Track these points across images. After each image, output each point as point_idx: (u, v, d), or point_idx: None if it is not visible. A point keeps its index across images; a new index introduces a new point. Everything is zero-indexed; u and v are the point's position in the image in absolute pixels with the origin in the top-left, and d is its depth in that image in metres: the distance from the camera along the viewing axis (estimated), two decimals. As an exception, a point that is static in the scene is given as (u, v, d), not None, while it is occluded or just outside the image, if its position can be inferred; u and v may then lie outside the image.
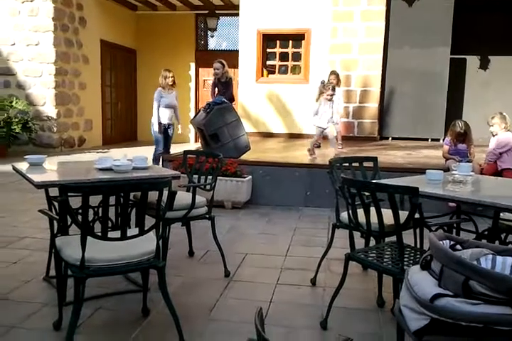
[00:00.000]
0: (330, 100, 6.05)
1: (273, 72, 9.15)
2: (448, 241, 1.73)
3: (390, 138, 8.85)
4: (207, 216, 3.32)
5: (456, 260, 1.49)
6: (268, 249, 3.96)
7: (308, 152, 6.16)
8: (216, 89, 6.64)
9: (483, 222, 3.59)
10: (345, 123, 8.47)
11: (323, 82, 6.30)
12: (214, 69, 6.52)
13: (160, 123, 6.59)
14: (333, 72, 6.99)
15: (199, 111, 6.10)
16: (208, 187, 3.43)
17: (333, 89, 6.04)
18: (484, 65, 9.24)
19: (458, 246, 1.73)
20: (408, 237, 2.67)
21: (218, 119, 5.73)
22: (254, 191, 5.54)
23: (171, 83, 6.52)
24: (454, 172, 3.12)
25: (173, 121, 6.72)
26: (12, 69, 9.23)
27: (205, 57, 11.55)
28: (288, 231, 4.47)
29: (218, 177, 4.81)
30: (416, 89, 8.60)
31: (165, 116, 6.60)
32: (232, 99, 6.39)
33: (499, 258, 1.66)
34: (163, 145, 6.69)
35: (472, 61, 9.23)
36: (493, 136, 5.12)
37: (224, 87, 6.44)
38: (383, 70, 8.55)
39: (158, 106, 6.54)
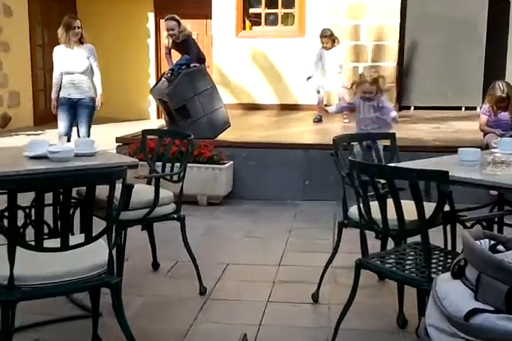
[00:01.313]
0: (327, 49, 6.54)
1: (258, 24, 9.11)
2: (487, 240, 1.75)
3: (413, 108, 8.90)
4: (175, 216, 3.32)
5: (497, 265, 1.51)
6: (256, 256, 3.97)
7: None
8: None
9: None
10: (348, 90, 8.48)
11: (324, 35, 6.44)
12: (168, 30, 6.38)
13: (58, 97, 5.89)
14: (324, 35, 7.06)
15: (161, 77, 6.06)
16: (175, 177, 3.42)
17: (333, 41, 6.39)
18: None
19: (500, 247, 1.75)
20: (437, 236, 2.70)
21: (187, 87, 5.70)
22: (236, 181, 5.55)
23: (75, 38, 5.78)
24: (494, 150, 3.15)
25: (89, 92, 5.94)
26: None
27: (167, 4, 11.40)
28: (281, 233, 4.49)
29: (189, 165, 4.71)
30: (445, 43, 8.61)
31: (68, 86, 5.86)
32: (202, 59, 6.32)
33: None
34: (68, 128, 5.96)
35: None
36: None
37: (182, 48, 6.31)
38: (402, 18, 8.55)
39: (61, 74, 5.89)
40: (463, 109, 8.73)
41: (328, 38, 7.10)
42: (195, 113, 5.73)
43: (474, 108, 8.41)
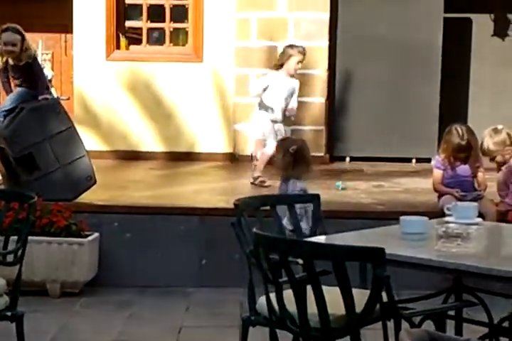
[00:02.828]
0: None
1: (138, 42, 9.14)
2: (433, 344, 1.79)
3: (348, 159, 9.06)
4: (8, 313, 3.23)
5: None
6: (130, 370, 3.89)
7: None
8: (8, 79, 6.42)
9: (506, 303, 3.76)
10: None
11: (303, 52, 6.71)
12: (5, 45, 6.25)
13: None
14: (303, 51, 6.93)
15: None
16: (9, 257, 3.35)
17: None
18: (502, 30, 9.82)
19: (450, 353, 1.79)
20: (374, 335, 2.73)
21: (33, 129, 5.63)
22: (104, 262, 5.46)
23: None
24: (447, 218, 3.27)
25: None
26: None
27: (5, 9, 11.25)
28: (167, 336, 4.43)
29: (33, 238, 4.62)
30: (389, 74, 8.91)
31: None
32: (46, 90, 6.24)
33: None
34: None
35: (481, 23, 9.78)
36: (500, 165, 5.45)
37: (23, 74, 6.23)
38: (332, 40, 8.84)
39: None
40: (413, 161, 8.97)
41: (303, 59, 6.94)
42: (46, 164, 5.63)
43: (428, 160, 8.64)
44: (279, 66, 6.89)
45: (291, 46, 6.91)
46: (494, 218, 5.04)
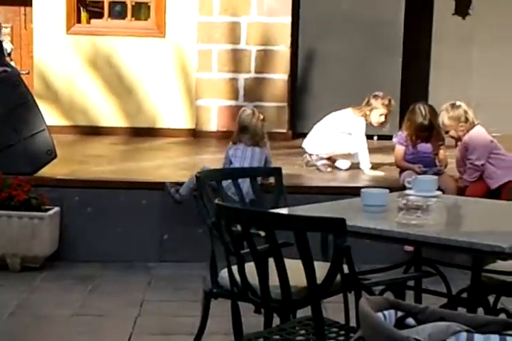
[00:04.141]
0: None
1: (99, 16, 9.05)
2: (393, 311, 1.80)
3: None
4: (-34, 286, 3.19)
5: (404, 345, 1.55)
6: (90, 344, 3.87)
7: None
8: None
9: (463, 276, 3.82)
10: (228, 108, 8.60)
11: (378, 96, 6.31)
12: None
13: None
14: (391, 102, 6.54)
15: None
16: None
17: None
18: (462, 9, 9.91)
19: (410, 320, 1.81)
20: (337, 307, 2.76)
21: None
22: (65, 236, 5.45)
23: None
24: (408, 191, 3.30)
25: None
26: None
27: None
28: (128, 309, 4.43)
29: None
30: (351, 50, 8.95)
31: None
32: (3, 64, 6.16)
33: (478, 337, 1.75)
34: None
35: (443, 1, 9.87)
36: (456, 140, 5.51)
37: None
38: (295, 16, 8.85)
39: None
40: (375, 138, 8.99)
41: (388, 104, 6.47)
42: (5, 138, 5.57)
43: (389, 137, 8.72)
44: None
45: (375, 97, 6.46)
46: (454, 193, 5.11)
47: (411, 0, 9.03)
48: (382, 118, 6.31)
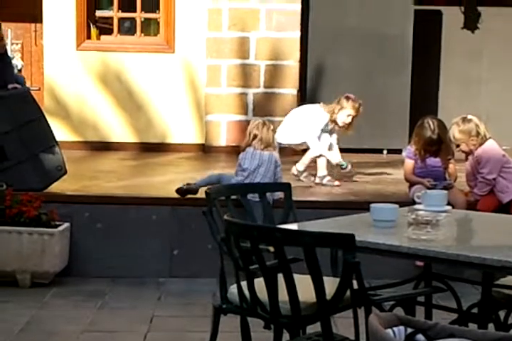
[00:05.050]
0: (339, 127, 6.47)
1: (109, 32, 9.07)
2: (402, 327, 1.80)
3: (320, 151, 9.14)
4: (-23, 303, 3.19)
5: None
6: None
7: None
8: None
9: (474, 291, 3.81)
10: (238, 123, 8.60)
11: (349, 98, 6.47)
12: None
13: None
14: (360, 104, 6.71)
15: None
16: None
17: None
18: (471, 23, 9.91)
19: (419, 337, 1.80)
20: (345, 323, 2.75)
21: (2, 118, 5.58)
22: (75, 252, 5.44)
23: None
24: (417, 206, 3.29)
25: None
26: None
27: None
28: (138, 326, 4.42)
29: (1, 228, 4.68)
30: (360, 64, 8.94)
31: None
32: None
33: (488, 353, 1.75)
34: None
35: (452, 15, 9.87)
36: (467, 154, 5.51)
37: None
38: (303, 31, 8.86)
39: None
40: (384, 152, 9.04)
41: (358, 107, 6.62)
42: (15, 154, 5.58)
43: (399, 151, 8.71)
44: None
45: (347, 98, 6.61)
46: (464, 207, 5.08)
47: (420, 14, 9.06)
48: (349, 119, 6.44)
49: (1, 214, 5.04)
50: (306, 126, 6.44)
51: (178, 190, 5.51)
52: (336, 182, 6.39)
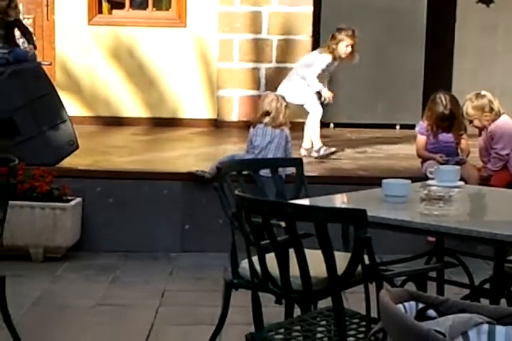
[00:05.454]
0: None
1: (120, 6, 9.04)
2: (413, 303, 1.79)
3: (332, 126, 9.09)
4: (-10, 277, 3.23)
5: (424, 336, 1.54)
6: (112, 334, 3.90)
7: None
8: None
9: (486, 266, 3.80)
10: (250, 98, 8.58)
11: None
12: None
13: None
14: (354, 33, 6.76)
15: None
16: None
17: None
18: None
19: (431, 312, 1.80)
20: (357, 298, 2.75)
21: (14, 92, 5.59)
22: (86, 227, 5.47)
23: None
24: (430, 181, 3.28)
25: None
26: None
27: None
28: (150, 299, 4.45)
29: (14, 203, 4.61)
30: (373, 39, 8.90)
31: None
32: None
33: (500, 329, 1.74)
34: None
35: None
36: (480, 130, 5.50)
37: (11, 31, 6.19)
38: (316, 5, 8.82)
39: None
40: (397, 127, 9.01)
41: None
42: (27, 129, 5.59)
43: (412, 126, 8.64)
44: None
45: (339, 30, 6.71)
46: (476, 183, 5.07)
47: (434, -12, 9.01)
48: (349, 49, 6.54)
49: (13, 189, 5.05)
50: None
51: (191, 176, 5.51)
52: (333, 149, 6.48)
